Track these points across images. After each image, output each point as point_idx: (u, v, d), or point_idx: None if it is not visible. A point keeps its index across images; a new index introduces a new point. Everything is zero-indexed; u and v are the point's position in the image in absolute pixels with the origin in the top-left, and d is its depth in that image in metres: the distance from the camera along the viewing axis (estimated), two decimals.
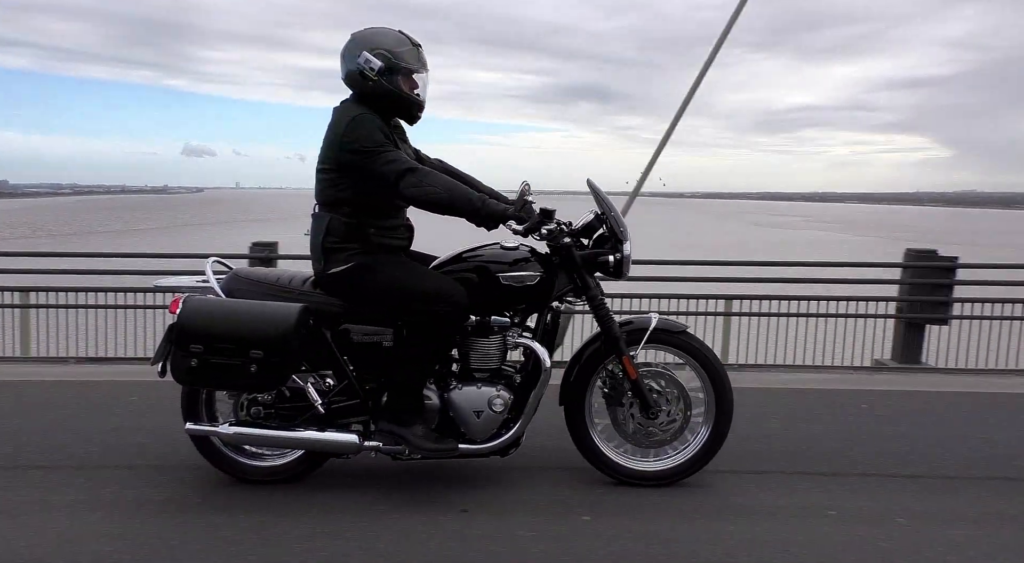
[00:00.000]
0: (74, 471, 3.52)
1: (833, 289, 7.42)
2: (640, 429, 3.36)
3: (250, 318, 3.06)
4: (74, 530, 2.95)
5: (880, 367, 6.90)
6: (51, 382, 5.34)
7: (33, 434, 4.03)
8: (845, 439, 4.13)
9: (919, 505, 3.28)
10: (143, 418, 4.31)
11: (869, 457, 3.84)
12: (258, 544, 2.86)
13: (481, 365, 3.31)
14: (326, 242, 3.21)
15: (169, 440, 3.86)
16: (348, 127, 3.10)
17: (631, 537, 2.94)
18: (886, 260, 8.23)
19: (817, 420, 4.53)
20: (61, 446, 3.84)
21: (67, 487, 3.34)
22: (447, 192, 3.09)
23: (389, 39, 3.21)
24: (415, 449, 3.18)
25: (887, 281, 7.42)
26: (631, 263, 3.31)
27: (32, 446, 3.85)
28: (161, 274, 6.62)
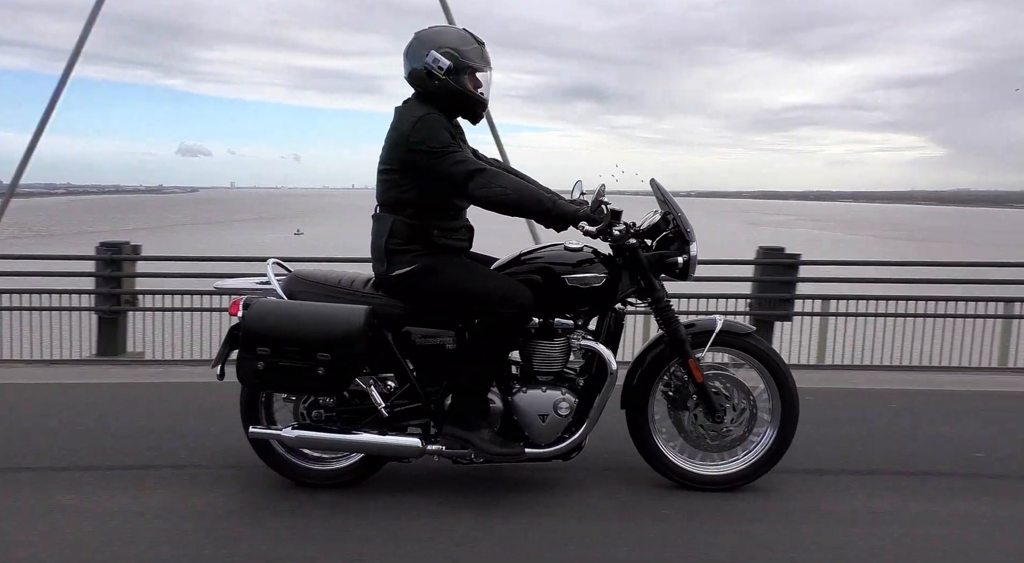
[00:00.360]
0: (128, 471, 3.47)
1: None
2: (704, 433, 3.32)
3: (317, 320, 3.02)
4: (149, 534, 2.92)
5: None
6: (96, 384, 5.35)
7: (86, 436, 4.00)
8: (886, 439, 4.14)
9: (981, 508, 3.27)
10: (199, 420, 4.28)
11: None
12: (324, 543, 2.83)
13: (544, 368, 3.27)
14: (389, 243, 3.17)
15: (223, 442, 3.82)
16: (414, 127, 3.06)
17: (695, 541, 2.92)
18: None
19: (843, 421, 4.53)
20: (116, 449, 3.81)
21: (121, 490, 3.31)
22: (517, 193, 3.05)
23: (455, 37, 3.17)
24: (481, 453, 3.14)
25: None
26: (697, 264, 3.28)
27: (100, 447, 3.82)
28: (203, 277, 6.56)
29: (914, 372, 6.47)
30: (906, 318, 7.30)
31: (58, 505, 3.15)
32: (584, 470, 3.54)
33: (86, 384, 5.41)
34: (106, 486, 3.36)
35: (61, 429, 4.14)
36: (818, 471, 3.62)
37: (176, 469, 3.56)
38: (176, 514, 3.09)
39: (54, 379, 5.56)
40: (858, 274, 8.10)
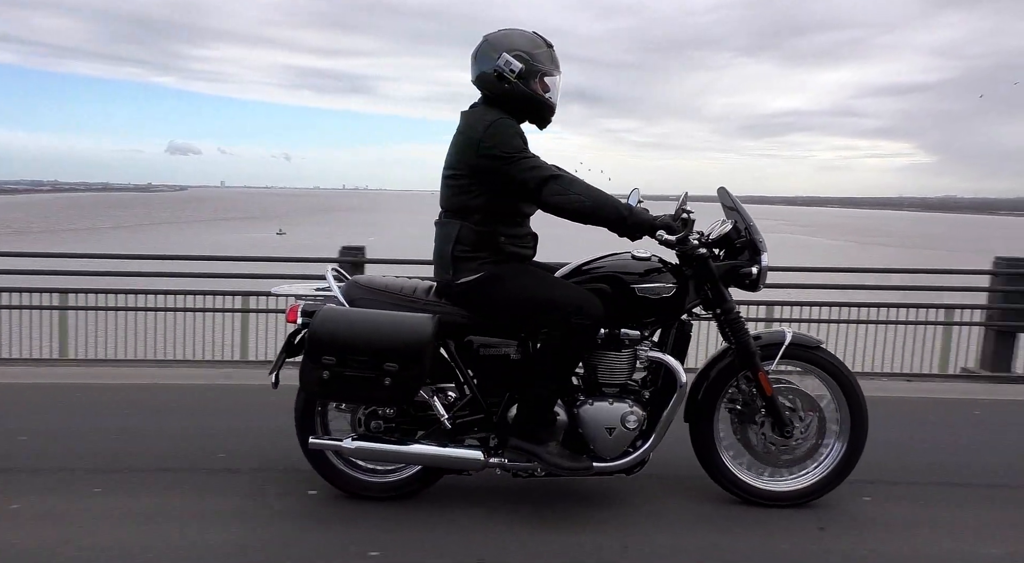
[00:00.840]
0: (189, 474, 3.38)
1: (915, 296, 7.33)
2: (773, 448, 3.24)
3: (385, 329, 2.92)
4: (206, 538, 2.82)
5: (970, 375, 6.85)
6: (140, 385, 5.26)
7: (142, 436, 3.94)
8: (962, 449, 4.08)
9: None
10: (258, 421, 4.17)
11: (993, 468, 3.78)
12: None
13: (610, 380, 3.19)
14: (456, 250, 3.07)
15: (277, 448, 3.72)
16: (487, 131, 2.97)
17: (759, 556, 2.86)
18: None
19: (927, 429, 4.49)
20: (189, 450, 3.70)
21: (175, 492, 3.19)
22: (592, 200, 2.96)
23: (525, 40, 3.09)
24: (549, 467, 3.04)
25: (975, 289, 7.32)
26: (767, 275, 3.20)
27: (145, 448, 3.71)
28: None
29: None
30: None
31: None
32: (645, 484, 3.46)
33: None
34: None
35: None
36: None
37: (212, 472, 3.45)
38: (219, 517, 2.99)
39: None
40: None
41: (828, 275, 7.72)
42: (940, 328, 7.09)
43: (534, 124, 3.22)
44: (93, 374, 5.71)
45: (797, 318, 6.92)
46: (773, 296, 6.75)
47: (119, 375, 5.66)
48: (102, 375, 5.66)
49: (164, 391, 5.14)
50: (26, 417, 4.40)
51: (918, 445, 4.18)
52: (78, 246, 24.69)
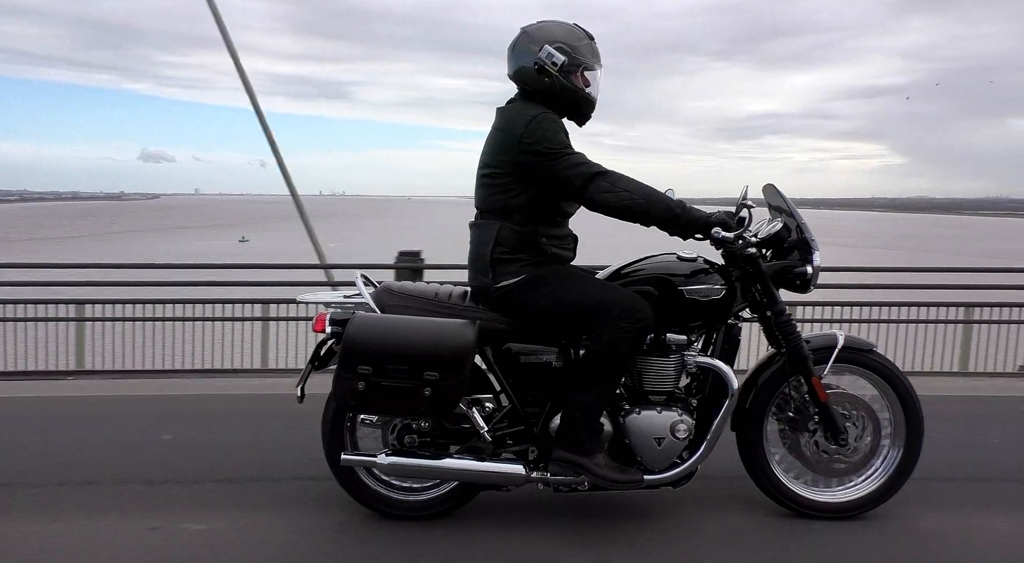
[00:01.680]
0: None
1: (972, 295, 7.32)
2: (826, 456, 3.09)
3: (424, 336, 2.73)
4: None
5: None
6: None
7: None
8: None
9: None
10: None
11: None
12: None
13: (657, 387, 3.02)
14: (495, 252, 2.89)
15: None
16: (528, 127, 2.80)
17: None
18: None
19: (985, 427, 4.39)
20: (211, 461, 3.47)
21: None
22: (645, 198, 2.79)
23: (565, 32, 2.92)
24: (597, 480, 2.86)
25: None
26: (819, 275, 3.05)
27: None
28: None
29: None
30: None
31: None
32: (692, 495, 3.30)
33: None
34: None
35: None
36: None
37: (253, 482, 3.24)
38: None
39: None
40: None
41: (856, 275, 7.69)
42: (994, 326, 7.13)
43: (573, 120, 3.05)
44: (110, 386, 5.60)
45: (842, 318, 6.91)
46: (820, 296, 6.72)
47: (136, 387, 5.53)
48: (121, 387, 5.54)
49: (181, 402, 5.00)
50: (44, 430, 4.24)
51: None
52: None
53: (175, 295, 6.88)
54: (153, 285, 7.11)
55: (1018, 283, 7.63)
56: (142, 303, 6.85)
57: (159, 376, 6.17)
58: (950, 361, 7.20)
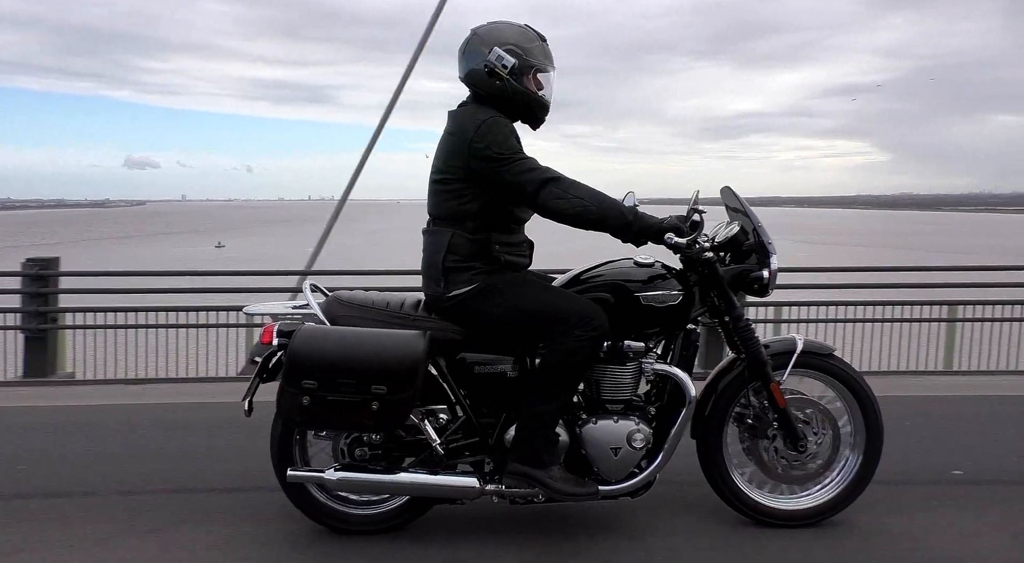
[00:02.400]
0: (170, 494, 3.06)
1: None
2: (785, 463, 3.05)
3: (372, 348, 2.66)
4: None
5: None
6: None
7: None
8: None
9: None
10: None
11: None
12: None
13: (613, 396, 2.96)
14: (447, 261, 2.83)
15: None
16: (479, 132, 2.73)
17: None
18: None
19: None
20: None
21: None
22: (596, 204, 2.73)
23: (516, 34, 2.86)
24: (552, 492, 2.80)
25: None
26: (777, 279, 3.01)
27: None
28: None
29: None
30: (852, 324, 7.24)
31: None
32: (650, 505, 3.24)
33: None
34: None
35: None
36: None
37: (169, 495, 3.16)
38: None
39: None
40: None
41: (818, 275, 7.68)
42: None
43: (527, 124, 2.99)
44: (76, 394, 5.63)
45: (801, 319, 6.87)
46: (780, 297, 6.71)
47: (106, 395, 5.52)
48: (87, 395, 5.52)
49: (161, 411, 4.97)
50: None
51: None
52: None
53: (147, 303, 6.82)
54: (113, 293, 7.04)
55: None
56: (102, 311, 6.79)
57: (131, 384, 6.10)
58: (933, 360, 7.22)
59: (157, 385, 6.23)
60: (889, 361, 7.04)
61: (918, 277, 7.76)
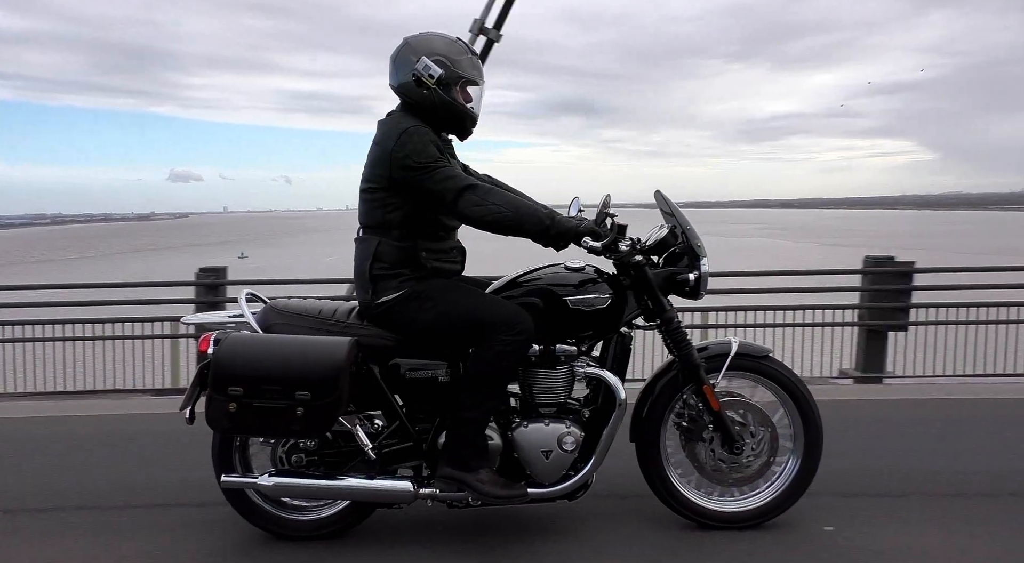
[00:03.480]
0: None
1: (798, 298, 7.17)
2: (722, 465, 3.05)
3: (295, 355, 2.72)
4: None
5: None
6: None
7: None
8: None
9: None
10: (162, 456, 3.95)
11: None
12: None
13: (546, 399, 2.99)
14: (374, 268, 2.89)
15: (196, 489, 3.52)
16: (399, 141, 2.79)
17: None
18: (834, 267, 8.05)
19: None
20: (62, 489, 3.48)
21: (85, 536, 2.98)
22: (513, 211, 2.77)
23: (446, 45, 2.91)
24: (481, 496, 2.84)
25: (849, 289, 7.23)
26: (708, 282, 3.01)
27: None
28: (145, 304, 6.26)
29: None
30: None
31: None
32: (593, 510, 3.26)
33: None
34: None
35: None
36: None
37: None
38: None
39: None
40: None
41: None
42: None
43: (454, 134, 3.04)
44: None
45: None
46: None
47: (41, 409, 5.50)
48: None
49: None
50: None
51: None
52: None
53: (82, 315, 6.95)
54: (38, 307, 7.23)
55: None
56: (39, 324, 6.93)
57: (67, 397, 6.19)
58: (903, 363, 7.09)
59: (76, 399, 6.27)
60: (823, 367, 6.89)
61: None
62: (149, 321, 6.95)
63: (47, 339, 6.99)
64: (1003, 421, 4.62)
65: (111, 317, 6.91)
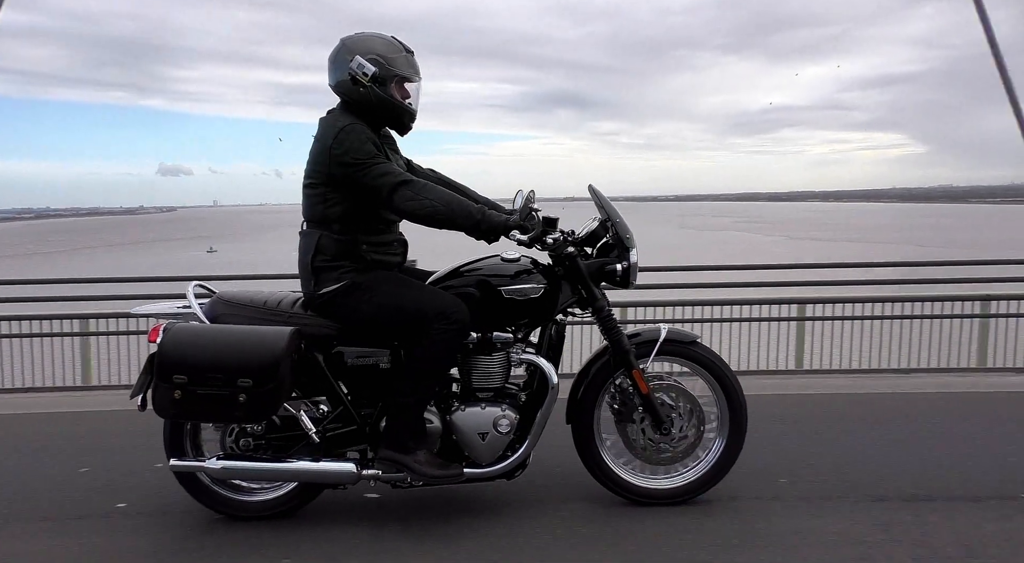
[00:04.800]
0: (42, 522, 3.24)
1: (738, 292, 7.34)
2: (652, 445, 3.20)
3: (237, 344, 2.85)
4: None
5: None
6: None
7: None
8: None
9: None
10: (119, 454, 4.06)
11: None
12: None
13: (484, 384, 3.14)
14: (316, 261, 3.02)
15: (149, 477, 3.64)
16: (336, 138, 2.92)
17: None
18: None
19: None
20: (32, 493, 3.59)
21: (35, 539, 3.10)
22: (445, 205, 2.91)
23: (382, 45, 3.04)
24: (419, 476, 2.99)
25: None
26: (638, 271, 3.16)
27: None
28: (128, 300, 6.31)
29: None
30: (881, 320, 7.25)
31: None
32: (534, 488, 3.41)
33: None
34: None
35: None
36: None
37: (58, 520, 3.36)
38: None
39: None
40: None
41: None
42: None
43: (394, 130, 3.18)
44: None
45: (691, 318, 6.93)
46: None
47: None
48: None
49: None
50: None
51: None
52: None
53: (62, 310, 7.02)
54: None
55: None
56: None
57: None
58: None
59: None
60: (739, 361, 6.93)
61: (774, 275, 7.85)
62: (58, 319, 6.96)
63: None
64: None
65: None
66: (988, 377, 6.28)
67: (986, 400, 5.17)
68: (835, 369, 6.91)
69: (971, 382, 5.97)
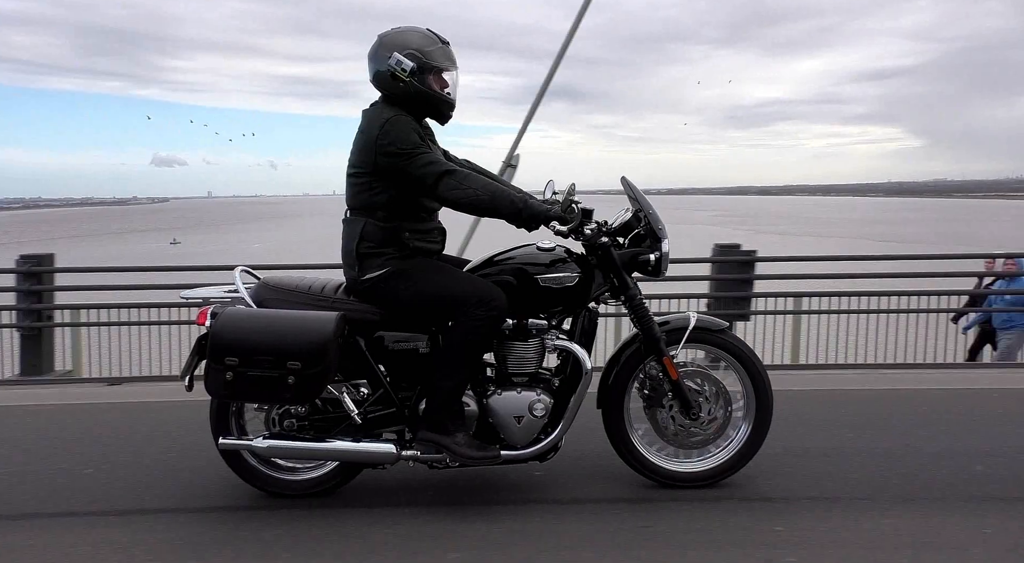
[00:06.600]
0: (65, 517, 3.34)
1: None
2: (681, 430, 3.32)
3: (286, 328, 2.95)
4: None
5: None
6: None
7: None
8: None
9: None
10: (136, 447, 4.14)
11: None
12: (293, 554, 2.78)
13: (519, 369, 3.24)
14: (360, 247, 3.12)
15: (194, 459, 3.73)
16: (382, 129, 3.02)
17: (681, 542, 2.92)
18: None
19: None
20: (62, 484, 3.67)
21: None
22: (488, 194, 3.02)
23: (418, 38, 3.13)
24: (457, 457, 3.10)
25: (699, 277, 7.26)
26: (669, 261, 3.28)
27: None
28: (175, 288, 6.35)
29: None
30: (877, 314, 7.32)
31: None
32: (564, 471, 3.53)
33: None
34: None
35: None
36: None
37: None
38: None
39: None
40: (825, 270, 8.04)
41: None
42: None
43: (435, 120, 3.28)
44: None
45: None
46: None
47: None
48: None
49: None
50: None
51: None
52: None
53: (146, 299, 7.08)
54: (111, 289, 7.28)
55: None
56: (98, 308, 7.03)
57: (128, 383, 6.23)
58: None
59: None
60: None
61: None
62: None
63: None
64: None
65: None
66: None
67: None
68: (831, 364, 6.99)
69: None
